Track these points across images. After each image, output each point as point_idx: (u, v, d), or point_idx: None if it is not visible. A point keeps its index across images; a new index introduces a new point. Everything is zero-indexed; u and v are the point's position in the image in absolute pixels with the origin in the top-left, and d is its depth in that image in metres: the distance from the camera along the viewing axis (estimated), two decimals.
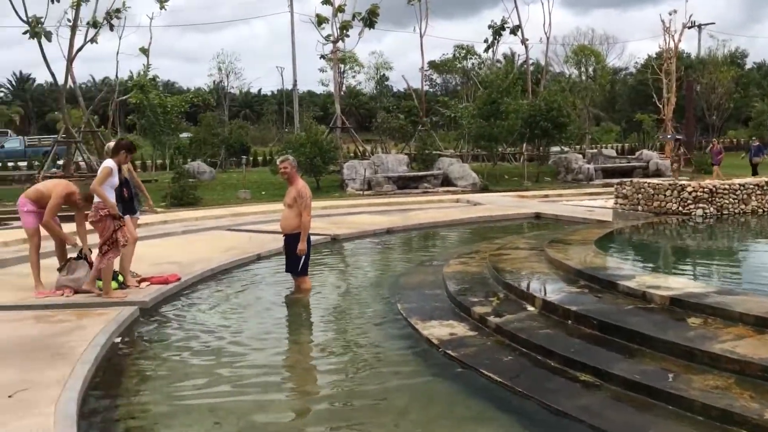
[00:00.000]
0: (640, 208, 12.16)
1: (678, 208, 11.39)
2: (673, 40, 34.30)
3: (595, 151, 31.98)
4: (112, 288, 7.15)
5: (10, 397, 4.30)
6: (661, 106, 35.06)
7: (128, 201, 7.73)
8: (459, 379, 4.91)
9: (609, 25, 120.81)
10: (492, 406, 4.42)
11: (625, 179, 13.74)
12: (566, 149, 30.32)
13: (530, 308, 6.00)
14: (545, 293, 6.21)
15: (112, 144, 7.67)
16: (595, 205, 16.09)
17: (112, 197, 7.06)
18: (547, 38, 35.34)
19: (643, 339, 4.80)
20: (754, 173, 24.31)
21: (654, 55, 44.52)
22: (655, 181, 13.29)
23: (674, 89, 34.52)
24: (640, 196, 12.22)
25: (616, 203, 12.95)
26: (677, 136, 25.44)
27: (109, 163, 7.12)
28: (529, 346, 5.15)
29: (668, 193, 11.67)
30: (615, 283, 5.91)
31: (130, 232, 7.61)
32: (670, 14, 34.59)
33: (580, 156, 28.25)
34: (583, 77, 43.90)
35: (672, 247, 9.45)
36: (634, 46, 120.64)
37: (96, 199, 7.02)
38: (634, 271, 6.50)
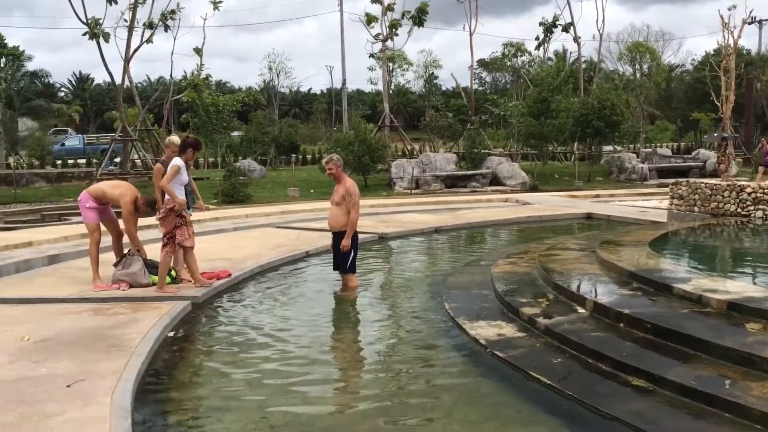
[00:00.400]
0: (696, 209, 11.83)
1: (737, 209, 11.03)
2: (733, 36, 33.19)
3: (649, 150, 31.21)
4: (165, 282, 7.37)
5: (68, 386, 4.45)
6: (719, 105, 34.00)
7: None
8: (507, 381, 4.86)
9: (665, 21, 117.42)
10: (541, 409, 4.35)
11: (680, 179, 13.38)
12: (619, 148, 29.70)
13: (581, 310, 5.89)
14: (596, 295, 6.10)
15: (174, 138, 7.87)
16: (649, 205, 15.69)
17: (180, 194, 7.30)
18: (600, 35, 34.66)
19: (698, 344, 4.66)
20: None
21: (712, 52, 43.19)
22: (712, 181, 12.90)
23: (733, 87, 33.42)
24: (696, 196, 11.89)
25: (671, 204, 12.64)
26: (723, 135, 24.40)
27: (177, 161, 7.35)
28: (580, 348, 5.06)
29: (726, 194, 11.31)
30: (670, 285, 5.75)
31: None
32: (730, 9, 33.48)
33: (634, 155, 27.60)
34: (638, 75, 42.94)
35: (730, 250, 9.15)
36: (691, 42, 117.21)
37: (166, 197, 7.27)
38: (690, 274, 6.32)
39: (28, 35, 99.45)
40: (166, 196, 7.27)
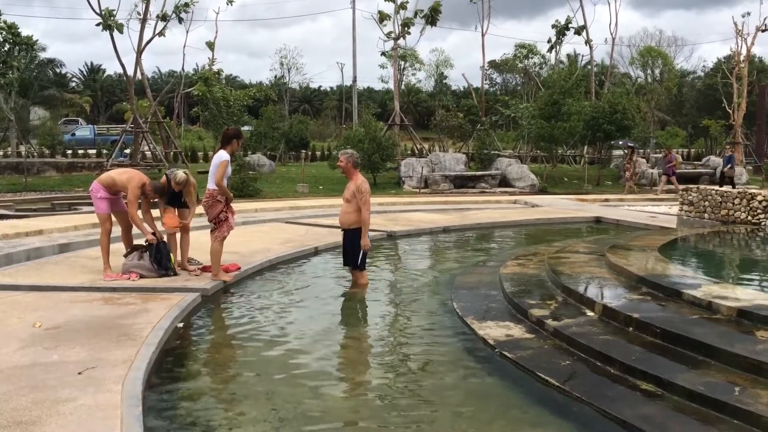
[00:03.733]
0: (706, 216, 11.80)
1: (747, 217, 10.99)
2: (746, 44, 33.13)
3: (659, 155, 31.13)
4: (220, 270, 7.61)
5: (80, 374, 4.49)
6: (730, 112, 33.90)
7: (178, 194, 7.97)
8: (515, 381, 4.86)
9: (678, 27, 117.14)
10: (549, 411, 4.36)
11: (691, 185, 13.34)
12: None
13: (590, 313, 5.89)
14: (606, 299, 6.09)
15: (179, 175, 7.80)
16: (659, 211, 15.68)
17: (226, 185, 7.59)
18: (613, 39, 34.58)
19: (708, 350, 4.66)
20: (722, 185, 22.83)
21: (723, 59, 43.03)
22: (723, 188, 12.85)
23: (745, 94, 33.32)
24: (706, 203, 11.85)
25: (681, 210, 12.60)
26: (629, 143, 23.99)
27: (224, 155, 7.48)
28: (589, 351, 5.06)
29: (737, 201, 11.28)
30: (680, 291, 5.74)
31: (184, 223, 7.95)
32: (743, 17, 33.44)
33: (644, 160, 27.52)
34: (649, 79, 42.79)
35: (740, 258, 9.12)
36: (704, 49, 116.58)
37: (211, 186, 7.46)
38: (700, 281, 6.31)
39: (48, 25, 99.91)
40: (209, 186, 7.46)
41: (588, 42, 32.82)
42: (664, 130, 47.33)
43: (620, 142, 24.90)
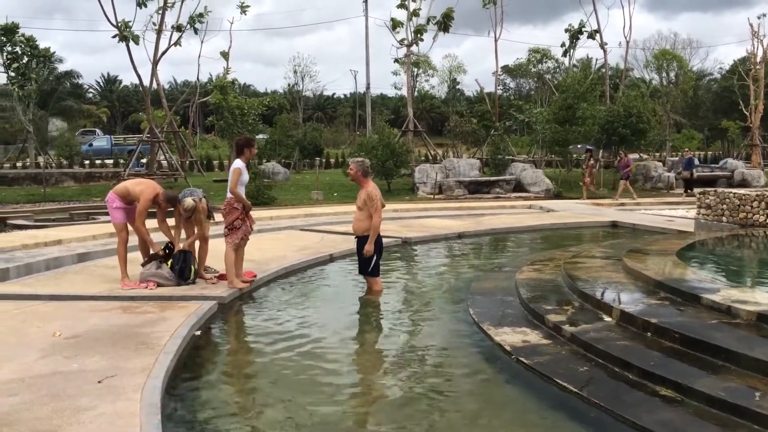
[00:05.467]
0: (724, 219, 11.68)
1: (766, 220, 10.86)
2: (762, 45, 32.89)
3: (676, 158, 30.89)
4: (234, 278, 7.64)
5: (99, 382, 4.53)
6: (747, 114, 33.61)
7: None
8: (532, 387, 4.84)
9: (694, 29, 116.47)
10: (566, 416, 4.33)
11: (708, 188, 13.21)
12: (645, 156, 29.44)
13: (607, 318, 5.85)
14: (623, 304, 6.05)
15: (188, 203, 7.74)
16: (676, 215, 15.55)
17: (242, 192, 7.69)
18: (627, 42, 34.44)
19: (727, 355, 4.61)
20: (687, 189, 22.67)
21: (739, 61, 42.69)
22: (741, 191, 12.71)
23: (762, 96, 33.05)
24: (724, 206, 11.73)
25: (698, 213, 12.48)
26: (588, 147, 23.64)
27: (238, 163, 7.63)
28: (606, 357, 5.03)
29: (755, 204, 11.15)
30: (698, 296, 5.69)
31: (204, 233, 8.03)
32: (759, 18, 33.20)
33: (660, 164, 27.33)
34: (664, 82, 42.52)
35: (759, 261, 9.01)
36: (720, 51, 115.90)
37: (228, 195, 7.60)
38: (718, 285, 6.24)
39: (66, 38, 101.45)
40: (228, 195, 7.59)
41: (602, 45, 32.71)
42: (680, 132, 47.00)
43: (578, 146, 24.61)
